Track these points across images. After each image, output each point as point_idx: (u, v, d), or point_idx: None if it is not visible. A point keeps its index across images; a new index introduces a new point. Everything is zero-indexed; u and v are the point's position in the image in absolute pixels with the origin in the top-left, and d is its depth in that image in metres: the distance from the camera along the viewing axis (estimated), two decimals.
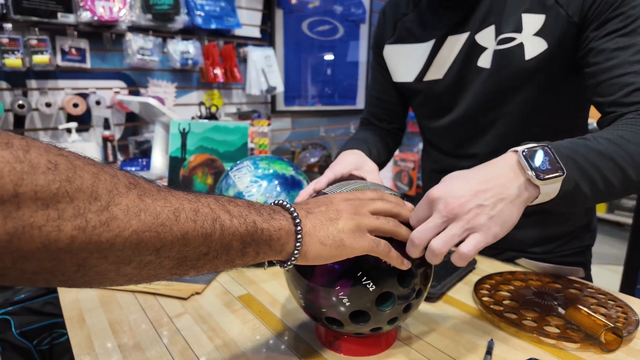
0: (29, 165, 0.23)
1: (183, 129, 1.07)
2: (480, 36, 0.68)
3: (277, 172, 0.75)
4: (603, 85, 0.57)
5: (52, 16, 1.60)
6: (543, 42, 0.63)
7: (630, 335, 0.53)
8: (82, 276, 0.27)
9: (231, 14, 2.15)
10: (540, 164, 0.42)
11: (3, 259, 0.23)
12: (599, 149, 0.47)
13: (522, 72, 0.65)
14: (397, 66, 0.81)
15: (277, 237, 0.38)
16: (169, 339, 0.55)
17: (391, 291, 0.45)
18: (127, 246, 0.28)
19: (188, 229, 0.31)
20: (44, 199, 0.23)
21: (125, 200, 0.28)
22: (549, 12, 0.62)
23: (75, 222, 0.25)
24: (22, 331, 1.17)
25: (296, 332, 0.57)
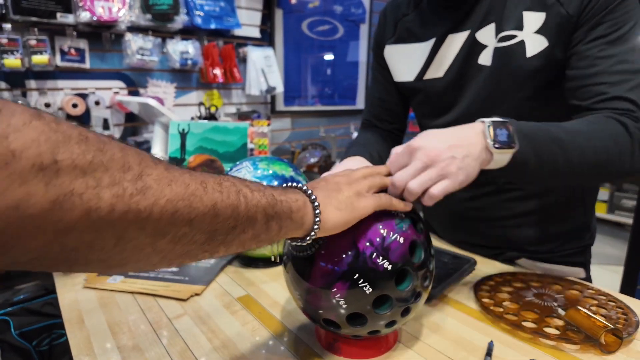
0: (63, 135, 0.23)
1: (182, 129, 1.07)
2: (480, 34, 0.68)
3: (276, 173, 0.75)
4: (581, 90, 0.61)
5: (51, 16, 1.60)
6: (544, 39, 0.63)
7: (630, 337, 0.52)
8: (120, 252, 0.27)
9: (231, 14, 2.15)
10: (498, 136, 0.50)
11: (45, 231, 0.22)
12: (555, 136, 0.53)
13: (523, 70, 0.65)
14: (397, 66, 0.82)
15: (297, 208, 0.39)
16: (168, 340, 0.55)
17: (388, 294, 0.45)
18: (164, 216, 0.28)
19: (216, 200, 0.31)
20: (81, 166, 0.23)
21: (155, 171, 0.28)
22: (550, 10, 0.62)
23: (113, 190, 0.25)
24: (22, 332, 1.17)
25: (296, 333, 0.57)
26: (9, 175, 0.20)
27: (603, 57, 0.58)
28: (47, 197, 0.22)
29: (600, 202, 3.22)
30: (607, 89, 0.58)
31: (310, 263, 0.47)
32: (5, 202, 0.20)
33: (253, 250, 0.51)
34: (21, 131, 0.21)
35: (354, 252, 0.45)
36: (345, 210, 0.43)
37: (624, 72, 0.57)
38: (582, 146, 0.53)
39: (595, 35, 0.59)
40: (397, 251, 0.45)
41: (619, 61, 0.58)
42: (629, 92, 0.57)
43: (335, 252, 0.45)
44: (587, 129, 0.55)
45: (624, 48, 0.58)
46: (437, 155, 0.47)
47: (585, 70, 0.60)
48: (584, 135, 0.54)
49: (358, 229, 0.46)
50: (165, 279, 0.71)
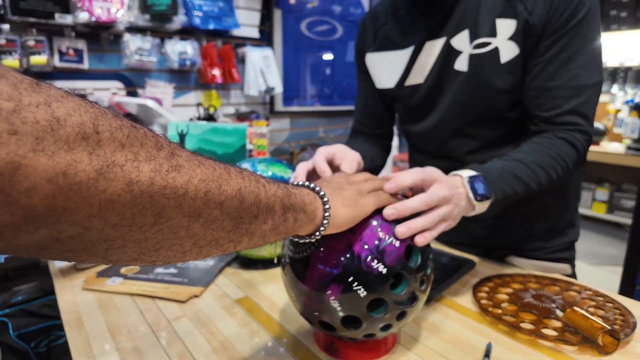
0: (99, 110, 0.24)
1: (181, 130, 1.07)
2: (455, 40, 0.70)
3: (275, 175, 0.75)
4: (539, 101, 0.67)
5: (49, 17, 1.60)
6: (515, 46, 0.66)
7: (628, 338, 0.53)
8: (157, 233, 0.27)
9: (229, 14, 2.15)
10: (478, 190, 0.56)
11: (91, 203, 0.23)
12: (518, 175, 0.61)
13: (498, 75, 0.68)
14: (379, 73, 0.84)
15: (309, 201, 0.40)
16: (168, 342, 0.55)
17: (383, 298, 0.45)
18: (198, 195, 0.28)
19: (241, 185, 0.32)
20: (119, 140, 0.24)
21: (184, 152, 0.29)
22: (519, 17, 0.65)
23: (151, 165, 0.25)
24: (20, 333, 1.17)
25: (295, 335, 0.57)
26: (56, 141, 0.21)
27: (561, 72, 0.64)
28: (92, 166, 0.22)
29: (599, 202, 3.23)
30: (562, 103, 0.65)
31: (306, 264, 0.47)
32: (54, 167, 0.20)
33: (258, 249, 0.52)
34: (61, 101, 0.22)
35: (349, 254, 0.45)
36: (350, 207, 0.44)
37: (577, 87, 0.64)
38: (538, 174, 0.62)
39: (556, 50, 0.64)
40: (392, 254, 0.45)
41: (573, 77, 0.64)
42: (580, 106, 0.64)
43: (331, 254, 0.45)
44: (540, 156, 0.63)
45: (578, 63, 0.64)
46: (452, 196, 0.53)
47: (545, 83, 0.65)
48: (539, 163, 0.63)
49: (354, 232, 0.46)
50: (165, 280, 0.71)
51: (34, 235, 0.22)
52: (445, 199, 0.52)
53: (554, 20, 0.63)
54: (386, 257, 0.45)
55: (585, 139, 0.66)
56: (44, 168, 0.20)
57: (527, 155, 0.63)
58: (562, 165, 0.64)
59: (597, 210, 3.23)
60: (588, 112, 0.65)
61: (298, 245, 0.48)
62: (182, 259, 0.32)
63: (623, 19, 3.04)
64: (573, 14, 0.62)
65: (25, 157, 0.19)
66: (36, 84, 0.21)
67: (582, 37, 0.63)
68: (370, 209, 0.47)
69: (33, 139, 0.20)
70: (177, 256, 0.31)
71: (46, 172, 0.20)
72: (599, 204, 3.23)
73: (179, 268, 0.76)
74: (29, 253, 0.23)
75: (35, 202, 0.20)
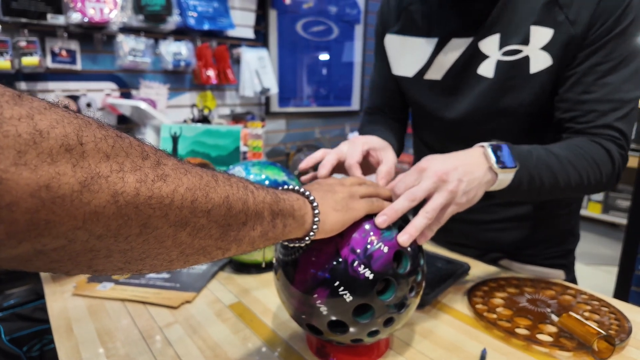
0: (83, 120, 0.24)
1: (174, 133, 1.06)
2: (483, 43, 0.66)
3: (269, 178, 0.74)
4: (572, 112, 0.62)
5: (41, 17, 1.58)
6: (548, 57, 0.62)
7: (623, 343, 0.52)
8: (143, 242, 0.27)
9: (224, 14, 2.14)
10: (501, 157, 0.52)
11: (75, 215, 0.22)
12: (546, 160, 0.56)
13: (524, 86, 0.64)
14: (398, 58, 0.78)
15: (298, 206, 0.40)
16: (159, 349, 0.54)
17: (370, 304, 0.45)
18: (185, 204, 0.28)
19: (228, 192, 0.32)
20: (104, 150, 0.24)
21: (170, 161, 0.29)
22: (559, 27, 0.61)
23: (136, 175, 0.25)
24: (12, 338, 1.16)
25: (287, 341, 0.56)
26: (38, 154, 0.20)
27: (598, 85, 0.60)
28: (75, 178, 0.22)
29: (594, 202, 3.24)
30: (598, 117, 0.60)
31: (295, 267, 0.47)
32: (37, 181, 0.20)
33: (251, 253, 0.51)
34: (44, 113, 0.21)
35: (336, 258, 0.44)
36: (341, 211, 0.44)
37: (615, 101, 0.60)
38: (569, 171, 0.57)
39: (595, 61, 0.60)
40: (379, 260, 0.44)
41: (612, 90, 0.59)
42: (617, 121, 0.60)
43: (319, 257, 0.45)
44: (574, 155, 0.58)
45: (619, 77, 0.59)
46: (446, 174, 0.49)
47: (580, 96, 0.61)
48: (571, 161, 0.58)
49: (343, 236, 0.45)
50: (156, 285, 0.70)
51: (17, 249, 0.21)
52: (436, 184, 0.49)
53: (596, 27, 0.58)
54: (373, 263, 0.44)
55: (621, 153, 0.61)
56: (26, 182, 0.20)
57: (561, 151, 0.58)
58: (596, 173, 0.59)
59: (593, 210, 3.24)
60: (625, 129, 0.61)
61: (288, 247, 0.48)
62: (169, 267, 0.32)
63: None
64: (618, 21, 0.58)
65: (6, 172, 0.19)
66: (18, 97, 0.21)
67: (626, 47, 0.59)
68: (361, 213, 0.46)
69: (15, 153, 0.19)
70: (163, 265, 0.31)
71: (28, 186, 0.20)
72: (594, 204, 3.24)
73: (171, 273, 0.75)
74: (12, 265, 0.23)
75: (17, 217, 0.20)
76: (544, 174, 0.56)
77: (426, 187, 0.48)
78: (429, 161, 0.51)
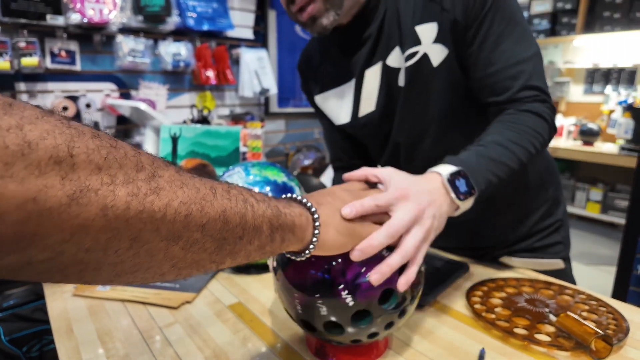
0: (76, 130, 0.23)
1: (174, 133, 1.06)
2: (390, 60, 0.71)
3: (268, 179, 0.74)
4: (489, 88, 0.66)
5: (40, 18, 1.58)
6: (443, 47, 0.66)
7: (621, 343, 0.53)
8: (133, 256, 0.26)
9: (224, 15, 2.14)
10: (459, 187, 0.52)
11: (63, 228, 0.22)
12: (497, 159, 0.58)
13: (435, 79, 0.68)
14: (332, 112, 0.83)
15: (299, 222, 0.39)
16: (159, 349, 0.54)
17: (369, 310, 0.45)
18: (178, 218, 0.28)
19: (226, 206, 0.31)
20: (96, 162, 0.23)
21: (167, 172, 0.28)
22: (439, 18, 0.65)
23: (128, 188, 0.25)
24: (12, 338, 1.16)
25: (287, 341, 0.56)
26: (26, 167, 0.20)
27: (496, 55, 0.64)
28: (64, 191, 0.21)
29: (593, 202, 3.25)
30: (512, 82, 0.64)
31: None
32: (24, 193, 0.20)
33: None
34: (35, 123, 0.21)
35: (325, 274, 0.45)
36: (344, 235, 0.42)
37: (518, 64, 0.63)
38: (516, 153, 0.59)
39: (483, 36, 0.64)
40: (366, 292, 0.44)
41: (510, 55, 0.64)
42: (529, 80, 0.64)
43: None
44: (513, 132, 0.61)
45: (510, 42, 0.64)
46: (423, 211, 0.48)
47: (485, 71, 0.65)
48: (514, 140, 0.60)
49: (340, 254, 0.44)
50: (156, 286, 0.70)
51: (4, 260, 0.21)
52: (416, 219, 0.46)
53: (470, 8, 0.63)
54: (359, 293, 0.44)
55: (548, 107, 0.65)
56: (13, 194, 0.19)
57: (500, 136, 0.61)
58: (538, 138, 0.62)
59: (591, 211, 3.25)
60: (539, 83, 0.64)
61: None
62: (161, 279, 0.31)
63: (616, 20, 3.05)
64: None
65: None
66: (9, 105, 0.20)
67: (503, 16, 0.63)
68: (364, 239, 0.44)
69: (2, 165, 0.19)
70: (155, 277, 0.30)
71: (15, 199, 0.20)
72: (593, 204, 3.25)
73: None
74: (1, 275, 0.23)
75: (3, 229, 0.20)
76: (499, 170, 0.57)
77: (406, 224, 0.46)
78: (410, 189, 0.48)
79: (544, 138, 0.63)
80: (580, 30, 3.20)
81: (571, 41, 3.33)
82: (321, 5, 0.65)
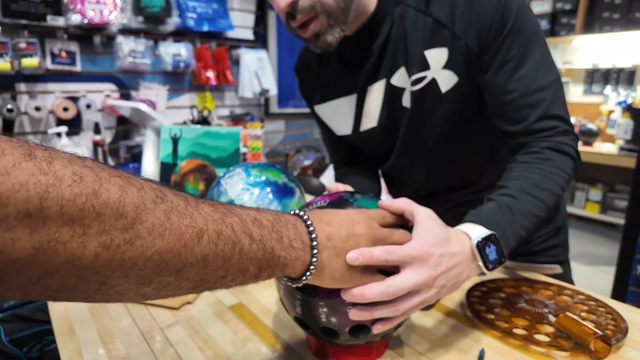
0: (54, 177, 0.22)
1: (174, 134, 1.06)
2: (395, 80, 0.69)
3: (269, 180, 0.74)
4: (506, 117, 0.63)
5: (41, 19, 1.59)
6: (453, 75, 0.63)
7: (619, 343, 0.53)
8: (102, 294, 0.27)
9: (224, 16, 2.15)
10: (489, 255, 0.49)
11: (28, 273, 0.22)
12: (526, 210, 0.55)
13: (442, 105, 0.66)
14: (333, 123, 0.81)
15: (292, 266, 0.38)
16: (160, 350, 0.55)
17: (367, 325, 0.46)
18: (149, 266, 0.27)
19: (209, 252, 0.31)
20: (70, 213, 0.23)
21: (152, 217, 0.27)
22: (451, 45, 0.62)
23: (100, 239, 0.24)
24: (12, 338, 1.16)
25: (287, 342, 0.57)
26: None
27: (513, 82, 0.61)
28: (31, 243, 0.22)
29: (592, 202, 3.25)
30: (529, 112, 0.61)
31: None
32: None
33: None
34: (9, 174, 0.21)
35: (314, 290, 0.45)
36: (338, 281, 0.41)
37: (537, 91, 0.60)
38: (545, 200, 0.57)
39: (499, 62, 0.61)
40: (341, 321, 0.45)
41: (529, 82, 0.60)
42: (550, 108, 0.60)
43: None
44: (541, 179, 0.57)
45: (529, 68, 0.60)
46: (433, 279, 0.44)
47: (502, 98, 0.62)
48: (542, 187, 0.57)
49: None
50: None
51: None
52: (422, 286, 0.43)
53: (485, 34, 0.60)
54: (332, 317, 0.45)
55: (572, 139, 0.61)
56: None
57: (526, 182, 0.57)
58: (564, 177, 0.59)
59: (591, 211, 3.26)
60: (559, 112, 0.61)
61: None
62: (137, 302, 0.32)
63: (615, 20, 3.06)
64: (502, 20, 0.59)
65: None
66: None
67: (522, 39, 0.60)
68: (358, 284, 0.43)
69: None
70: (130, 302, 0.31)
71: None
72: (592, 204, 3.25)
73: None
74: None
75: None
76: (529, 222, 0.55)
77: (409, 289, 0.43)
78: (427, 252, 0.44)
79: (569, 175, 0.60)
80: (580, 31, 3.20)
81: (570, 42, 3.33)
82: (324, 21, 0.61)
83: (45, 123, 1.74)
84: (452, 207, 0.80)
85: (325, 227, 0.41)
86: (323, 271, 0.40)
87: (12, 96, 1.65)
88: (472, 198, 0.79)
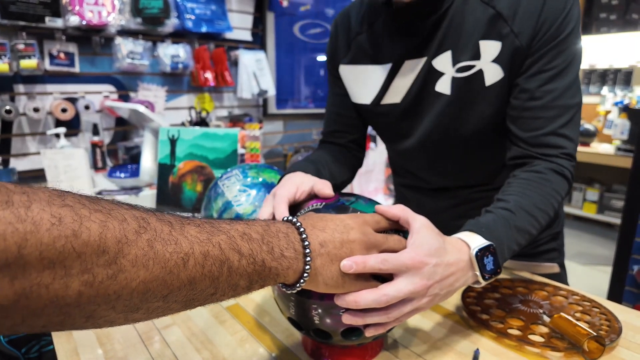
0: (32, 223, 0.23)
1: (172, 135, 1.06)
2: (437, 61, 0.67)
3: (266, 181, 0.75)
4: (520, 120, 0.64)
5: (39, 20, 1.59)
6: (500, 69, 0.64)
7: (613, 344, 0.53)
8: (91, 324, 0.27)
9: (222, 17, 2.15)
10: (486, 265, 0.50)
11: (13, 317, 0.23)
12: (521, 227, 0.56)
13: (483, 98, 0.66)
14: (354, 88, 0.78)
15: (284, 275, 0.38)
16: (157, 351, 0.55)
17: (360, 328, 0.46)
18: (135, 296, 0.28)
19: (195, 275, 0.31)
20: (49, 257, 0.23)
21: (134, 249, 0.27)
22: (505, 40, 0.62)
23: (83, 278, 0.25)
24: (11, 339, 1.16)
25: (283, 343, 0.57)
26: None
27: (542, 91, 0.61)
28: (13, 290, 0.22)
29: (589, 202, 3.26)
30: (544, 123, 0.62)
31: None
32: None
33: None
34: None
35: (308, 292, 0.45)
36: (331, 287, 0.41)
37: (559, 107, 0.61)
38: (539, 219, 0.58)
39: (538, 68, 0.61)
40: (334, 323, 0.46)
41: (556, 97, 0.61)
42: (562, 127, 0.61)
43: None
44: (539, 199, 0.59)
45: (561, 84, 0.61)
46: (427, 288, 0.44)
47: (525, 103, 0.63)
48: (539, 207, 0.58)
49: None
50: None
51: None
52: (415, 295, 0.44)
53: (539, 37, 0.60)
54: (326, 319, 0.46)
55: (572, 165, 0.63)
56: None
57: (525, 200, 0.58)
58: (558, 199, 0.60)
59: (588, 211, 3.27)
60: (571, 134, 0.62)
61: None
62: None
63: (612, 21, 3.07)
64: (558, 30, 0.60)
65: None
66: None
67: (568, 55, 0.60)
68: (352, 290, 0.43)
69: None
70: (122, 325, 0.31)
71: None
72: (589, 204, 3.26)
73: None
74: None
75: None
76: (522, 238, 0.56)
77: (402, 297, 0.43)
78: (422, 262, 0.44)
79: (562, 198, 0.62)
80: None
81: None
82: None
83: (43, 124, 1.74)
84: (458, 204, 0.80)
85: (319, 233, 0.41)
86: (317, 278, 0.40)
87: (11, 97, 1.65)
88: (481, 196, 0.78)
